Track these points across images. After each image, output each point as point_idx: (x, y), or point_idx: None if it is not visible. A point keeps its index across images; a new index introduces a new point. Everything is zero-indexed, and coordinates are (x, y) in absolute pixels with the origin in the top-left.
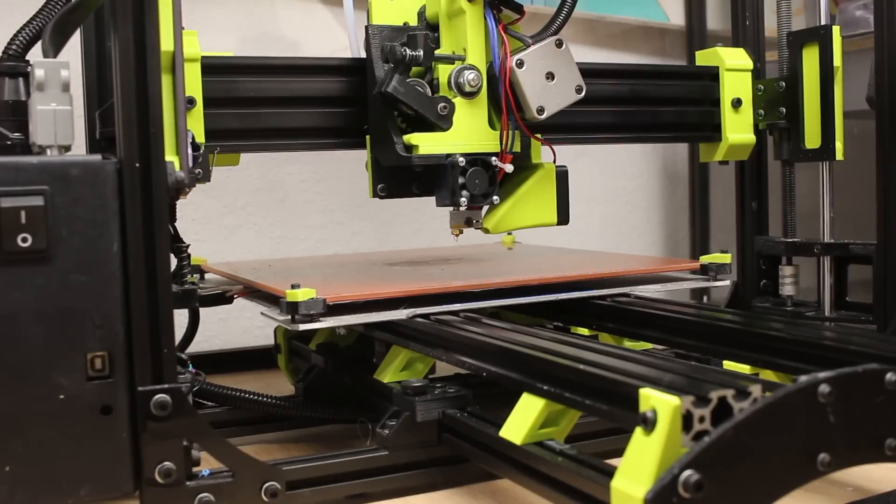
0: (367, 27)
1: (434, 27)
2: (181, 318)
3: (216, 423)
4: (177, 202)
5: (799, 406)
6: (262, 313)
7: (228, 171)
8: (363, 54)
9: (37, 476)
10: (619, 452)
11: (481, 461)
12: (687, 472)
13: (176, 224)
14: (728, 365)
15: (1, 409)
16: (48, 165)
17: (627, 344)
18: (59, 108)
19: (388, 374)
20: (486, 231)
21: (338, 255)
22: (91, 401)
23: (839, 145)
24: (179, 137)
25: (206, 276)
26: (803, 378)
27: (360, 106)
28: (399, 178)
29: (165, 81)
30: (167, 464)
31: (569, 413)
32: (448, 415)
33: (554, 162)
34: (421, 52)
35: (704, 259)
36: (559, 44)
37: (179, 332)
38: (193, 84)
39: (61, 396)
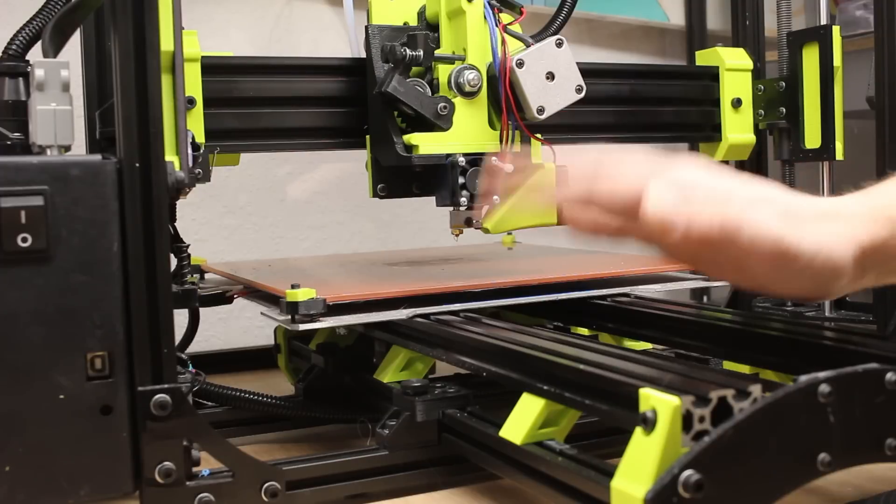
0: (367, 27)
1: (434, 27)
2: (181, 318)
3: (216, 423)
4: (177, 202)
5: (799, 406)
6: (262, 313)
7: (228, 171)
8: (363, 54)
9: (37, 476)
10: (619, 452)
11: (481, 461)
12: (687, 472)
13: (176, 224)
14: (728, 365)
15: (1, 409)
16: (48, 165)
17: (627, 344)
18: (59, 108)
19: (388, 374)
20: (486, 231)
21: (338, 255)
22: (91, 401)
23: (839, 145)
24: (179, 137)
25: (206, 276)
26: (803, 378)
27: (360, 106)
28: (399, 178)
29: (165, 81)
30: (167, 464)
31: (569, 413)
32: (448, 415)
33: (554, 162)
34: (421, 52)
35: None
36: (559, 44)
37: (179, 332)
38: (193, 84)
39: (61, 396)
